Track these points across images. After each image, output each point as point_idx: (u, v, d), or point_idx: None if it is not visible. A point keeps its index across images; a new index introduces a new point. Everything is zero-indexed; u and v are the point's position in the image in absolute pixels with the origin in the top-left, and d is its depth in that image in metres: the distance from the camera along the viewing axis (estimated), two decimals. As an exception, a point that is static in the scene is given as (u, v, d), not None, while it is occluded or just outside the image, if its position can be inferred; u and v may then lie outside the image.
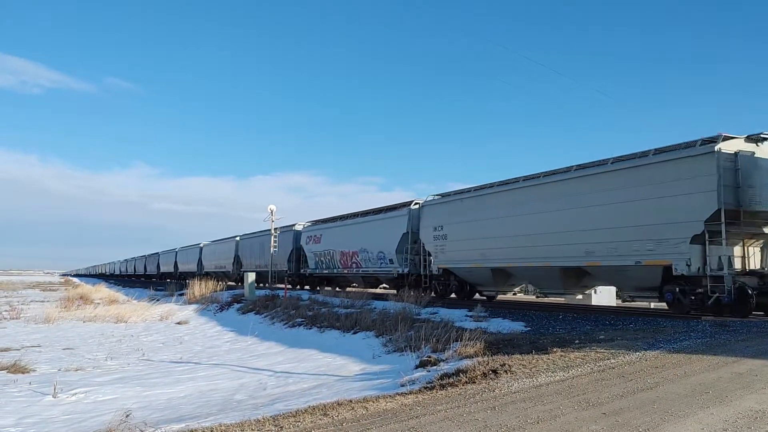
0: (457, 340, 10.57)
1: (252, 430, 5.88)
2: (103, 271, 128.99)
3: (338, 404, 6.70)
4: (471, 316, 14.73)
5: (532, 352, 8.93)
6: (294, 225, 35.45)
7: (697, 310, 13.45)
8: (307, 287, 33.90)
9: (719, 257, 12.78)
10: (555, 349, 8.95)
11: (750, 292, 12.66)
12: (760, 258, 13.67)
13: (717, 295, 12.68)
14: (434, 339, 11.25)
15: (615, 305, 19.60)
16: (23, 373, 12.37)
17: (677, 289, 13.70)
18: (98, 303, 31.15)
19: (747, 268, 13.30)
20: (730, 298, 12.46)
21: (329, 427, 5.65)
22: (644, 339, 9.80)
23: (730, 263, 12.78)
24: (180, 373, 12.60)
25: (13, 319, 24.58)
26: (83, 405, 9.60)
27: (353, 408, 6.39)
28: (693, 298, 13.42)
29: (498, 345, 9.99)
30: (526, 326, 12.97)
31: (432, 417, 5.68)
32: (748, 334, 10.20)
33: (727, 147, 12.85)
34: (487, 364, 7.96)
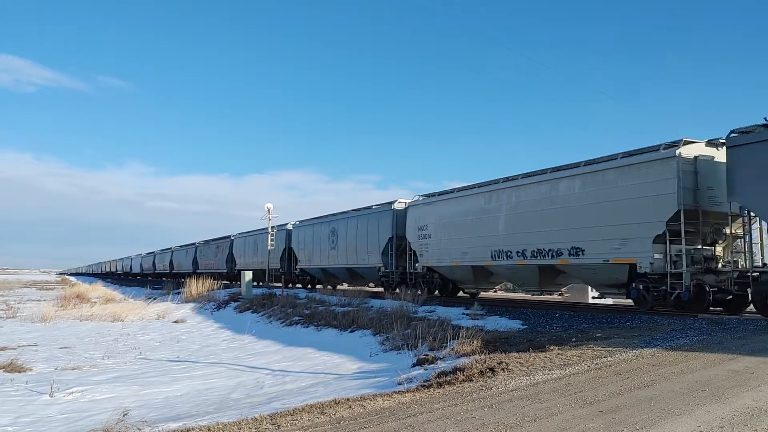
0: (454, 338, 10.58)
1: (249, 428, 5.87)
2: (111, 269, 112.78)
3: (336, 403, 6.70)
4: (468, 314, 14.74)
5: (529, 350, 8.94)
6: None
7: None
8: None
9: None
10: (552, 347, 8.97)
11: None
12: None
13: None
14: (431, 337, 11.26)
15: (612, 303, 19.63)
16: (20, 372, 12.35)
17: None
18: (95, 302, 31.10)
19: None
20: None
21: (327, 425, 5.64)
22: (641, 337, 9.83)
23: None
24: (177, 371, 12.59)
25: (10, 318, 24.52)
26: (80, 404, 9.58)
27: (351, 406, 6.39)
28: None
29: (495, 343, 10.00)
30: (523, 324, 12.98)
31: (429, 415, 5.68)
32: (744, 331, 10.24)
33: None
34: (485, 362, 7.97)
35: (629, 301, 17.12)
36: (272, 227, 34.21)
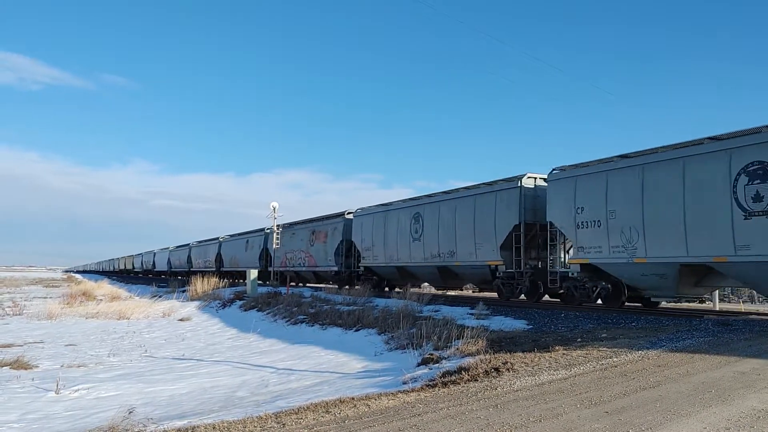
0: (459, 338, 10.57)
1: (254, 426, 5.88)
2: (126, 266, 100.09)
3: (340, 401, 6.71)
4: (473, 314, 14.72)
5: (534, 350, 8.93)
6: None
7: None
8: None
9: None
10: (557, 348, 8.95)
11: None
12: None
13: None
14: (436, 337, 11.25)
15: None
16: (26, 369, 12.40)
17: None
18: (101, 299, 31.22)
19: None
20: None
21: (331, 424, 5.65)
22: (646, 337, 9.79)
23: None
24: (182, 369, 12.62)
25: (16, 315, 24.64)
26: (86, 401, 9.62)
27: (355, 405, 6.40)
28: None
29: (500, 343, 9.99)
30: (528, 324, 12.96)
31: (434, 415, 5.68)
32: (751, 333, 10.19)
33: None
34: (489, 362, 7.96)
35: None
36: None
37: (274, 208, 32.22)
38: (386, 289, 25.91)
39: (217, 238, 48.60)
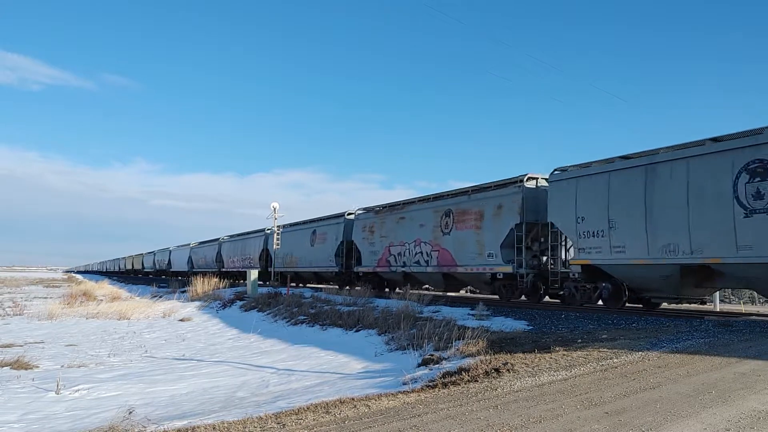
0: (459, 339, 10.57)
1: (254, 427, 5.89)
2: (133, 266, 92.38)
3: (341, 402, 6.71)
4: (473, 315, 14.72)
5: (534, 350, 8.93)
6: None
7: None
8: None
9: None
10: (557, 348, 8.95)
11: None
12: None
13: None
14: (436, 337, 11.25)
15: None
16: (26, 369, 12.41)
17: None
18: (101, 300, 31.22)
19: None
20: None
21: (331, 424, 5.65)
22: (647, 338, 9.79)
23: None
24: (182, 370, 12.63)
25: (17, 315, 24.66)
26: (86, 401, 9.62)
27: (356, 406, 6.40)
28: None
29: (500, 344, 9.99)
30: (528, 325, 12.96)
31: (434, 415, 5.68)
32: (751, 334, 10.19)
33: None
34: (490, 363, 7.96)
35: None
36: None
37: (275, 209, 32.22)
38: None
39: (263, 230, 38.18)
